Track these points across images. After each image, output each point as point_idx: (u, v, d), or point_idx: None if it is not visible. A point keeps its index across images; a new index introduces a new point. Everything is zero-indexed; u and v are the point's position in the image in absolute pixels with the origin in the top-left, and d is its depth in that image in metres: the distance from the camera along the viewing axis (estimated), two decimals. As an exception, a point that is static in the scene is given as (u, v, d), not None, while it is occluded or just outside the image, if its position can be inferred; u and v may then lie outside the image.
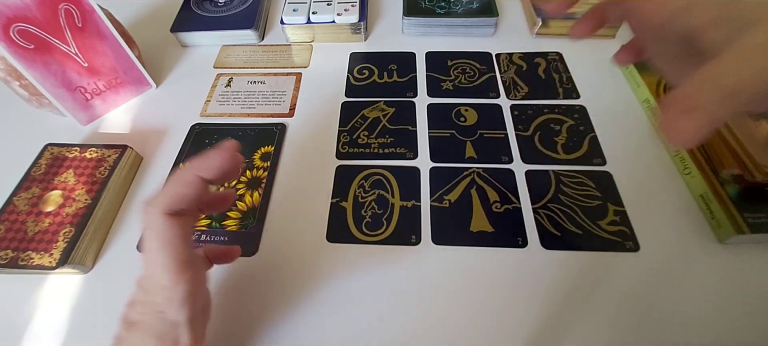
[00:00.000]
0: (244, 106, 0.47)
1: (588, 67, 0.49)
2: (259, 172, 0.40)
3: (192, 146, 0.43)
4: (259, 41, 0.55)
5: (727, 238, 0.33)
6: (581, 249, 0.34)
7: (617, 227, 0.35)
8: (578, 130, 0.42)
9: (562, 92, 0.46)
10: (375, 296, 0.33)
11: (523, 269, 0.33)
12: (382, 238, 0.36)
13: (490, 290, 0.33)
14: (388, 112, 0.45)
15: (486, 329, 0.31)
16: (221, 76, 0.51)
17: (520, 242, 0.35)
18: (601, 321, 0.31)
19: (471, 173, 0.39)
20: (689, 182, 0.37)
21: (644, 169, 0.39)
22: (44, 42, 0.40)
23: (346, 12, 0.52)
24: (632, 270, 0.33)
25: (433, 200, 0.38)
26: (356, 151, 0.42)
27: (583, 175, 0.39)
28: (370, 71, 0.50)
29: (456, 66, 0.50)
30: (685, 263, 0.33)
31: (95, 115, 0.47)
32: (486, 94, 0.47)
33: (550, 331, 0.30)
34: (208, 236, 0.36)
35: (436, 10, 0.53)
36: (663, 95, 0.42)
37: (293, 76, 0.50)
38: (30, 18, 0.38)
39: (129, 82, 0.48)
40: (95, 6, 0.42)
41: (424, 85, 0.48)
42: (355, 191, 0.39)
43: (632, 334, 0.30)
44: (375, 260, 0.34)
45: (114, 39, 0.44)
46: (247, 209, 0.38)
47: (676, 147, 0.39)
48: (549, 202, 0.37)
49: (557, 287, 0.32)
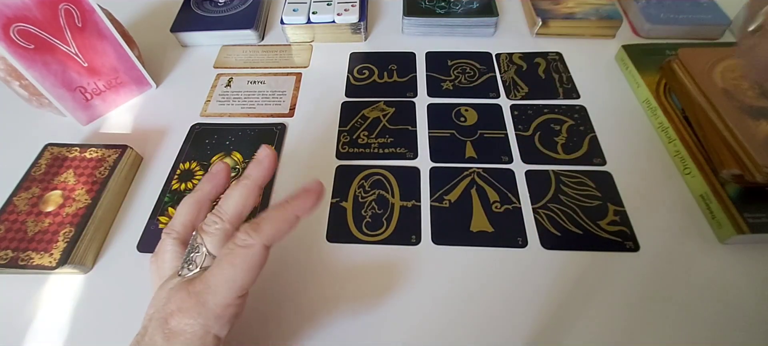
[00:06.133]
0: (244, 106, 0.47)
1: (588, 67, 0.49)
2: (259, 172, 0.40)
3: (192, 146, 0.43)
4: (259, 41, 0.55)
5: (727, 238, 0.33)
6: (581, 249, 0.34)
7: (617, 227, 0.35)
8: (578, 130, 0.42)
9: (562, 92, 0.46)
10: (375, 296, 0.33)
11: (523, 269, 0.33)
12: (382, 238, 0.36)
13: (490, 290, 0.33)
14: (388, 112, 0.45)
15: (486, 329, 0.31)
16: (221, 76, 0.51)
17: (520, 242, 0.35)
18: (600, 321, 0.31)
19: (471, 173, 0.39)
20: (689, 182, 0.37)
21: (644, 169, 0.39)
22: (44, 42, 0.40)
23: (346, 12, 0.52)
24: (632, 270, 0.33)
25: (433, 200, 0.38)
26: (356, 151, 0.42)
27: (583, 175, 0.39)
28: (370, 71, 0.50)
29: (456, 66, 0.50)
30: (685, 263, 0.33)
31: (95, 115, 0.47)
32: (486, 94, 0.47)
33: (550, 331, 0.30)
34: (208, 236, 0.36)
35: (436, 10, 0.53)
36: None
37: (293, 76, 0.50)
38: (30, 18, 0.38)
39: (129, 82, 0.48)
40: (95, 6, 0.42)
41: (424, 85, 0.48)
42: (355, 191, 0.39)
43: (632, 334, 0.30)
44: (375, 260, 0.34)
45: (114, 39, 0.44)
46: (247, 209, 0.38)
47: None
48: (549, 202, 0.37)
49: (557, 287, 0.32)
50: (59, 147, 0.40)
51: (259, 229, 0.23)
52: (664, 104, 0.41)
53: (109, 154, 0.40)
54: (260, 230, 0.23)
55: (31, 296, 0.34)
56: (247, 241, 0.23)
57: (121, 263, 0.35)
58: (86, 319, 0.33)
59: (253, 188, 0.26)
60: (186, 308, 0.22)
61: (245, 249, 0.23)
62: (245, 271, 0.22)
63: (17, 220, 0.35)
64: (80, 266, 0.34)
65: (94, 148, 0.40)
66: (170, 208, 0.38)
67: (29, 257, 0.33)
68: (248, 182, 0.26)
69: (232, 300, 0.22)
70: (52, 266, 0.32)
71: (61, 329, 0.32)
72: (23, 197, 0.37)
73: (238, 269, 0.22)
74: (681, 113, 0.40)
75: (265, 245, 0.23)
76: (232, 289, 0.22)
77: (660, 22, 0.50)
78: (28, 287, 0.34)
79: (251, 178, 0.26)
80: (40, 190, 0.37)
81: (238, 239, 0.23)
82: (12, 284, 0.34)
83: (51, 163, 0.39)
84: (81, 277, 0.35)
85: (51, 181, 0.38)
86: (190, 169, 0.41)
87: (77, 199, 0.36)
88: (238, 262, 0.22)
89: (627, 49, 0.47)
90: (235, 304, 0.23)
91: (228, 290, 0.22)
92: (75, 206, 0.36)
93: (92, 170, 0.38)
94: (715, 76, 0.38)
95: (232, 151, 0.42)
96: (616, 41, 0.51)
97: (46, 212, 0.35)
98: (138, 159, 0.42)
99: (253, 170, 0.27)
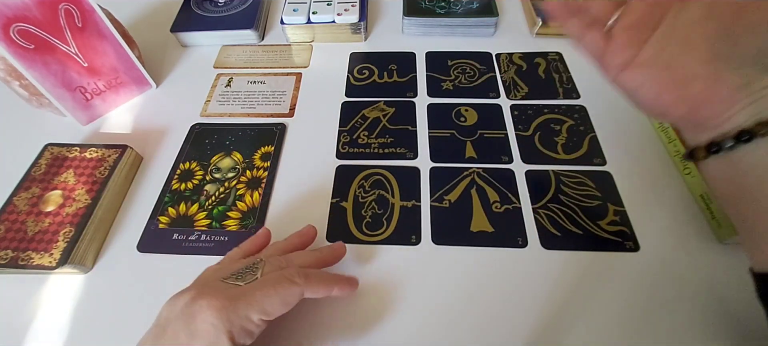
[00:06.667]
0: (244, 106, 0.47)
1: (588, 67, 0.48)
2: (259, 172, 0.40)
3: (192, 146, 0.43)
4: (259, 41, 0.55)
5: (727, 238, 0.33)
6: (581, 249, 0.34)
7: (617, 227, 0.35)
8: (578, 130, 0.42)
9: (562, 92, 0.46)
10: (375, 296, 0.33)
11: (523, 269, 0.33)
12: (383, 238, 0.36)
13: (490, 290, 0.33)
14: (388, 112, 0.45)
15: (486, 329, 0.31)
16: (221, 76, 0.51)
17: (520, 242, 0.35)
18: (601, 321, 0.31)
19: (471, 173, 0.39)
20: (689, 182, 0.37)
21: (644, 169, 0.39)
22: (44, 42, 0.40)
23: (346, 12, 0.52)
24: (632, 270, 0.33)
25: (433, 200, 0.38)
26: (356, 151, 0.42)
27: (583, 175, 0.39)
28: (370, 71, 0.50)
29: (456, 66, 0.50)
30: (685, 263, 0.33)
31: (95, 115, 0.47)
32: (486, 94, 0.47)
33: (550, 331, 0.30)
34: (208, 236, 0.36)
35: (436, 10, 0.53)
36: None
37: (293, 76, 0.50)
38: (30, 18, 0.38)
39: (129, 82, 0.48)
40: (95, 6, 0.42)
41: (424, 85, 0.48)
42: (355, 191, 0.39)
43: (632, 334, 0.30)
44: (375, 260, 0.34)
45: (114, 39, 0.44)
46: (247, 209, 0.38)
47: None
48: (549, 202, 0.37)
49: (557, 287, 0.32)
50: (59, 147, 0.40)
51: (308, 278, 0.27)
52: (664, 104, 0.41)
53: (109, 154, 0.40)
54: (308, 280, 0.27)
55: (31, 296, 0.34)
56: (295, 279, 0.26)
57: (121, 263, 0.35)
58: (86, 319, 0.33)
59: (319, 259, 0.31)
60: (215, 305, 0.23)
61: (291, 285, 0.26)
62: (280, 301, 0.25)
63: (17, 220, 0.35)
64: (80, 266, 0.34)
65: (94, 148, 0.40)
66: (170, 208, 0.38)
67: (29, 257, 0.33)
68: (320, 255, 0.31)
69: (257, 316, 0.24)
70: (52, 266, 0.32)
71: (61, 329, 0.32)
72: (23, 196, 0.37)
73: (276, 296, 0.25)
74: (681, 113, 0.40)
75: (304, 294, 0.26)
76: (264, 308, 0.25)
77: (660, 22, 0.50)
78: (28, 287, 0.34)
79: (323, 255, 0.31)
80: (40, 190, 0.37)
81: (287, 273, 0.26)
82: (12, 284, 0.34)
83: (51, 163, 0.39)
84: (81, 277, 0.35)
85: (51, 181, 0.38)
86: (190, 169, 0.41)
87: (77, 199, 0.36)
88: (280, 290, 0.25)
89: (627, 49, 0.47)
90: (257, 323, 0.25)
91: (260, 305, 0.24)
92: (75, 206, 0.36)
93: (92, 170, 0.38)
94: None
95: (232, 151, 0.42)
96: (616, 41, 0.51)
97: (46, 211, 0.35)
98: (138, 159, 0.42)
99: (327, 254, 0.32)
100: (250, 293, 0.25)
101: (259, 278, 0.26)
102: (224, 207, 0.38)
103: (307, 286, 0.26)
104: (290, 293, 0.26)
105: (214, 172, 0.41)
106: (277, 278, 0.26)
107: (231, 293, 0.25)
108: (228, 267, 0.28)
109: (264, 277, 0.26)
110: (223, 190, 0.39)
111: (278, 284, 0.26)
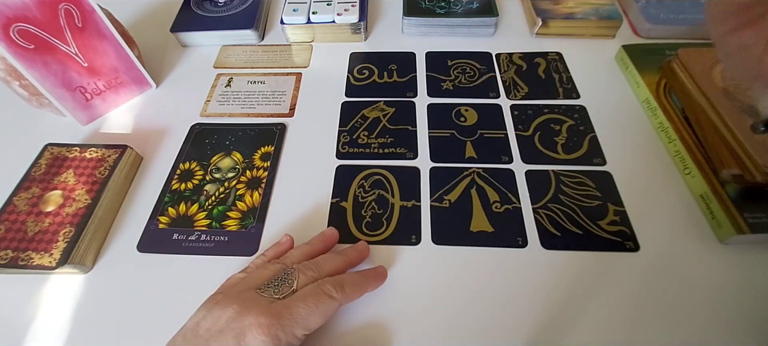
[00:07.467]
0: (244, 106, 0.47)
1: (588, 67, 0.49)
2: (259, 172, 0.41)
3: (192, 146, 0.43)
4: (259, 41, 0.55)
5: (727, 238, 0.33)
6: (581, 249, 0.34)
7: (617, 227, 0.35)
8: (578, 130, 0.42)
9: (562, 92, 0.46)
10: (375, 296, 0.32)
11: (523, 269, 0.33)
12: (383, 238, 0.36)
13: (490, 290, 0.33)
14: (388, 112, 0.45)
15: (486, 329, 0.31)
16: (221, 76, 0.51)
17: (520, 242, 0.35)
18: (601, 321, 0.31)
19: (471, 173, 0.39)
20: (689, 182, 0.37)
21: (644, 169, 0.39)
22: (44, 42, 0.40)
23: (346, 12, 0.52)
24: (632, 270, 0.33)
25: (433, 200, 0.38)
26: (356, 151, 0.42)
27: (583, 175, 0.39)
28: (370, 71, 0.50)
29: (456, 66, 0.50)
30: (685, 263, 0.33)
31: (95, 115, 0.47)
32: (486, 94, 0.47)
33: (550, 331, 0.30)
34: (208, 236, 0.36)
35: (436, 10, 0.53)
36: None
37: (293, 76, 0.50)
38: (30, 18, 0.38)
39: (129, 82, 0.48)
40: (95, 6, 0.42)
41: (424, 85, 0.48)
42: (355, 191, 0.39)
43: (632, 334, 0.30)
44: (375, 260, 0.34)
45: (114, 39, 0.44)
46: (247, 209, 0.38)
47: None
48: (549, 202, 0.37)
49: (557, 287, 0.32)
50: (59, 147, 0.40)
51: (343, 290, 0.28)
52: (664, 104, 0.41)
53: (109, 154, 0.40)
54: (344, 292, 0.28)
55: (31, 296, 0.34)
56: (333, 294, 0.27)
57: (121, 263, 0.35)
58: (86, 319, 0.33)
59: (347, 262, 0.32)
60: (265, 324, 0.25)
61: (330, 300, 0.27)
62: (321, 316, 0.27)
63: (17, 220, 0.35)
64: (80, 266, 0.34)
65: (94, 148, 0.40)
66: (170, 208, 0.38)
67: (29, 257, 0.33)
68: (346, 259, 0.32)
69: (301, 331, 0.26)
70: (52, 266, 0.32)
71: (61, 329, 0.32)
72: (23, 197, 0.37)
73: (318, 311, 0.26)
74: (681, 113, 0.40)
75: (341, 305, 0.28)
76: (307, 324, 0.26)
77: (660, 22, 0.50)
78: (28, 287, 0.34)
79: (349, 257, 0.32)
80: (40, 190, 0.37)
81: (326, 288, 0.27)
82: (12, 284, 0.34)
83: (51, 163, 0.39)
84: (81, 277, 0.35)
85: (51, 181, 0.38)
86: (190, 169, 0.41)
87: (77, 199, 0.36)
88: (321, 306, 0.27)
89: (627, 49, 0.47)
90: (300, 338, 0.26)
91: (304, 322, 0.26)
92: (75, 206, 0.36)
93: (92, 170, 0.38)
94: (715, 76, 0.38)
95: (232, 151, 0.42)
96: (616, 41, 0.51)
97: (46, 211, 0.35)
98: (138, 159, 0.42)
99: (352, 255, 0.32)
100: (294, 310, 0.26)
101: (296, 290, 0.27)
102: (224, 207, 0.38)
103: (344, 298, 0.28)
104: (330, 308, 0.27)
105: (214, 172, 0.41)
106: (314, 292, 0.27)
107: (275, 309, 0.26)
108: (258, 275, 0.29)
109: (301, 290, 0.27)
110: (223, 190, 0.39)
111: (318, 300, 0.27)
